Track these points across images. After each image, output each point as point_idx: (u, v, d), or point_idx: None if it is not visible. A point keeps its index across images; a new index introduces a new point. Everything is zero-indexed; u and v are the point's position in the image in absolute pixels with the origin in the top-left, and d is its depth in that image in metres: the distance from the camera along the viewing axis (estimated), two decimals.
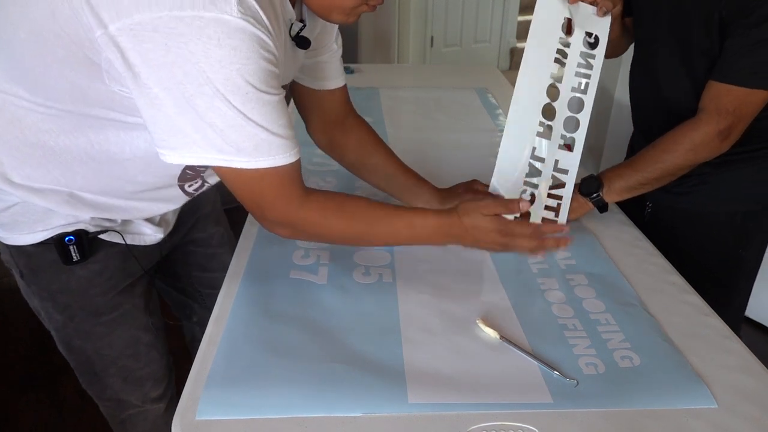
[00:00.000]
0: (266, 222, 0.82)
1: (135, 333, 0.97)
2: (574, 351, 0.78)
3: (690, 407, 0.70)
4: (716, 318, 0.86)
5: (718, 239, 1.17)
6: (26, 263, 0.87)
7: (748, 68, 0.95)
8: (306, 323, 0.82)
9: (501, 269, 0.96)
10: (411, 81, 2.10)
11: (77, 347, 0.95)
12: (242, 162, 0.70)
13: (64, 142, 0.76)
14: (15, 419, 1.70)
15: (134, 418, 1.05)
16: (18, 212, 0.82)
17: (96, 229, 0.86)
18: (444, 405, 0.69)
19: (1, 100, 0.73)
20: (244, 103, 0.66)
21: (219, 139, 0.68)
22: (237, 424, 0.66)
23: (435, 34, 4.20)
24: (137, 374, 1.00)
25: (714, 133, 0.99)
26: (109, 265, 0.90)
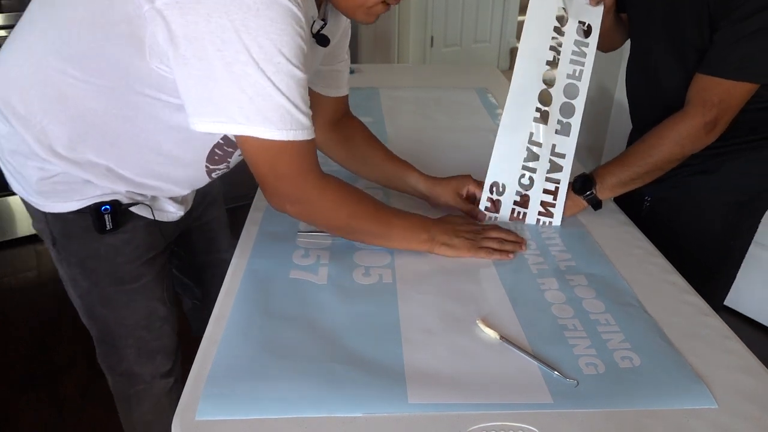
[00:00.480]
0: (279, 197, 0.86)
1: (152, 305, 1.03)
2: (574, 351, 0.78)
3: (690, 407, 0.70)
4: (716, 318, 0.86)
5: (711, 229, 1.20)
6: (61, 229, 0.93)
7: (733, 62, 0.99)
8: (306, 323, 0.82)
9: (501, 269, 0.96)
10: (411, 81, 2.10)
11: (99, 315, 1.02)
12: (267, 132, 0.75)
13: (106, 117, 0.82)
14: (15, 419, 1.70)
15: (141, 394, 1.10)
16: (59, 182, 0.88)
17: (128, 201, 0.92)
18: (444, 405, 0.69)
19: (52, 77, 0.80)
20: (275, 73, 0.72)
21: (248, 106, 0.73)
22: (237, 424, 0.66)
23: (435, 34, 4.20)
24: (150, 346, 1.06)
25: (700, 125, 1.02)
26: (135, 236, 0.96)
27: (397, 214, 0.98)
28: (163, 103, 0.80)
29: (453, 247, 0.98)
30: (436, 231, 0.98)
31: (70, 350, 1.97)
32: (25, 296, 2.26)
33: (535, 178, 1.08)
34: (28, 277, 2.37)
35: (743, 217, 1.21)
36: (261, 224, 1.07)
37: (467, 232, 1.00)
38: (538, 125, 1.05)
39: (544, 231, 1.08)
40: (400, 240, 0.98)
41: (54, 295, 2.26)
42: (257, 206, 1.14)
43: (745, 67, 0.99)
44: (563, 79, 1.04)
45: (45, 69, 0.80)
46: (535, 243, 1.04)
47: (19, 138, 0.85)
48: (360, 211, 0.93)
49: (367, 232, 0.96)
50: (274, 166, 0.81)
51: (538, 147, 1.05)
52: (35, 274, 2.38)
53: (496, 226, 1.05)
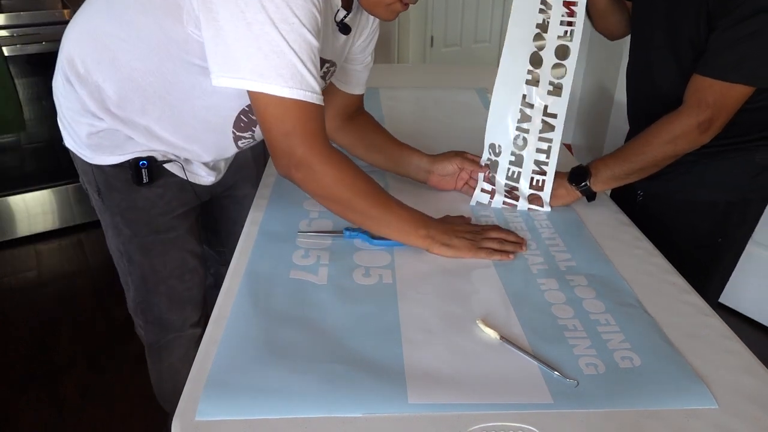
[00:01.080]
0: (285, 158, 0.89)
1: (184, 255, 1.14)
2: (575, 351, 0.78)
3: (690, 407, 0.70)
4: (716, 318, 0.86)
5: (701, 226, 1.23)
6: (104, 181, 1.06)
7: (729, 63, 0.99)
8: (306, 323, 0.82)
9: (501, 269, 0.96)
10: (411, 81, 2.10)
11: (137, 262, 1.13)
12: (278, 89, 0.82)
13: (150, 78, 0.93)
14: (15, 419, 1.70)
15: (171, 344, 1.22)
16: (104, 137, 1.00)
17: (163, 158, 1.04)
18: (444, 405, 0.69)
19: (106, 41, 0.93)
20: (289, 33, 0.79)
21: (263, 63, 0.80)
22: (237, 424, 0.66)
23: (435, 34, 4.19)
24: (181, 296, 1.17)
25: (694, 125, 1.04)
26: (168, 191, 1.08)
27: (399, 203, 0.98)
28: (198, 67, 0.90)
29: (452, 248, 0.97)
30: (436, 230, 0.98)
31: (70, 350, 1.97)
32: (25, 296, 2.26)
33: (528, 138, 1.11)
34: (28, 277, 2.37)
35: (733, 217, 1.21)
36: (261, 224, 1.07)
37: (467, 232, 1.00)
38: (530, 87, 1.09)
39: (544, 231, 1.08)
40: (396, 229, 0.97)
41: (54, 295, 2.26)
42: (257, 206, 1.14)
43: (741, 69, 0.99)
44: (554, 40, 1.06)
45: (101, 34, 0.93)
46: (535, 243, 1.04)
47: (75, 96, 0.98)
48: (362, 188, 0.94)
49: (365, 212, 0.95)
50: (282, 121, 0.86)
51: (530, 108, 1.09)
52: (35, 274, 2.39)
53: (496, 227, 1.05)
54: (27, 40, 2.21)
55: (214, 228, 1.37)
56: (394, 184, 1.23)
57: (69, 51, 0.97)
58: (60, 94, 1.03)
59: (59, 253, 2.51)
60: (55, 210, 2.58)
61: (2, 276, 2.37)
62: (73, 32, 0.98)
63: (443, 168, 1.18)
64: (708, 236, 1.23)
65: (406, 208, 0.98)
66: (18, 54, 2.22)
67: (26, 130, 2.25)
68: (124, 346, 1.96)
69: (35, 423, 1.69)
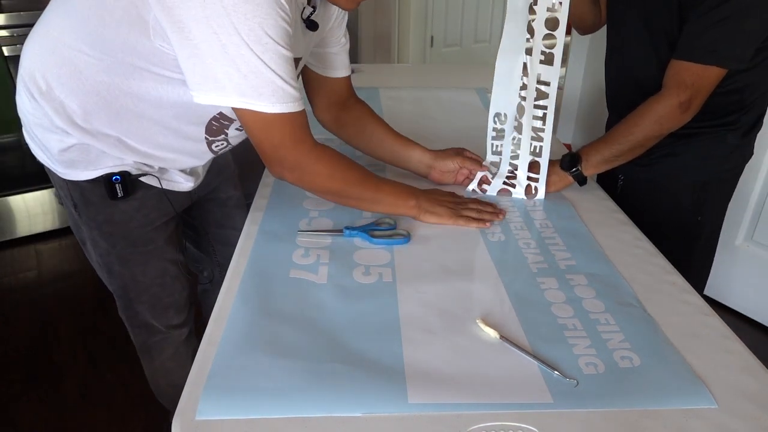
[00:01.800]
0: (277, 165, 0.95)
1: (164, 265, 1.14)
2: (574, 351, 0.78)
3: (690, 407, 0.70)
4: (716, 318, 0.86)
5: (680, 207, 1.32)
6: (79, 196, 1.04)
7: (702, 47, 1.08)
8: (306, 323, 0.82)
9: (501, 269, 0.96)
10: (411, 81, 2.10)
11: (117, 273, 1.12)
12: (260, 105, 0.84)
13: (115, 91, 0.91)
14: (15, 419, 1.70)
15: (160, 344, 1.23)
16: (75, 153, 0.98)
17: (137, 172, 1.02)
18: (444, 405, 0.69)
19: (68, 55, 0.90)
20: (264, 53, 0.80)
21: (243, 83, 0.82)
22: (237, 424, 0.66)
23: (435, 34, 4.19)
24: (163, 302, 1.18)
25: (676, 105, 1.12)
26: (146, 204, 1.06)
27: (386, 181, 1.08)
28: (165, 78, 0.89)
29: (436, 215, 1.08)
30: (423, 199, 1.08)
31: (70, 350, 1.97)
32: (25, 296, 2.26)
33: (525, 106, 1.15)
34: (28, 277, 2.37)
35: (708, 196, 1.31)
36: (261, 224, 1.07)
37: (450, 202, 1.11)
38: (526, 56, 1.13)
39: (544, 231, 1.08)
40: (389, 204, 1.06)
41: (54, 295, 2.26)
42: (257, 206, 1.14)
43: (713, 52, 1.07)
44: (543, 12, 1.10)
45: (62, 48, 0.90)
46: (535, 242, 1.04)
47: (41, 112, 0.95)
48: (352, 176, 1.02)
49: (358, 197, 1.04)
50: (269, 135, 0.90)
51: (526, 77, 1.14)
52: (35, 274, 2.39)
53: (476, 200, 1.16)
54: None
55: (201, 231, 1.36)
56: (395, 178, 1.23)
57: (29, 66, 0.95)
58: (26, 110, 0.99)
59: (59, 253, 2.51)
60: (55, 210, 2.58)
61: (2, 276, 2.37)
62: (32, 47, 0.95)
63: (445, 165, 1.23)
64: (687, 216, 1.32)
65: (394, 184, 1.08)
66: (18, 54, 2.21)
67: None
68: (124, 346, 1.95)
69: (35, 423, 1.69)
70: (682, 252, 1.23)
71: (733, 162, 1.30)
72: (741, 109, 1.22)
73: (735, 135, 1.25)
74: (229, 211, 1.33)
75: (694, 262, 1.37)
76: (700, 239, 1.37)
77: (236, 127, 1.02)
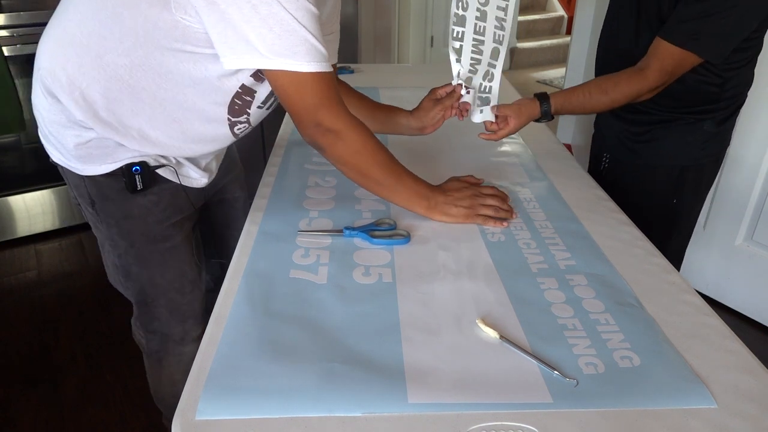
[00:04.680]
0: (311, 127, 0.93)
1: (182, 267, 1.13)
2: (574, 351, 0.78)
3: (689, 407, 0.70)
4: (716, 318, 0.87)
5: (659, 189, 1.41)
6: (97, 191, 1.03)
7: (687, 33, 1.14)
8: (306, 323, 0.82)
9: (501, 269, 0.96)
10: (411, 81, 2.10)
11: (135, 274, 1.11)
12: (296, 65, 0.84)
13: (137, 74, 0.90)
14: (15, 419, 1.71)
15: (171, 354, 1.20)
16: (93, 146, 0.98)
17: (156, 163, 1.02)
18: (444, 405, 0.69)
19: (87, 41, 0.89)
20: (297, 10, 0.80)
21: (278, 42, 0.81)
22: (237, 424, 0.66)
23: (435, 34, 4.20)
24: (182, 309, 1.15)
25: (652, 88, 1.21)
26: (163, 198, 1.06)
27: (409, 174, 1.05)
28: (187, 54, 0.89)
29: (450, 216, 1.08)
30: (437, 200, 1.07)
31: (70, 350, 1.97)
32: (25, 296, 2.26)
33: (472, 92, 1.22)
34: (28, 277, 2.37)
35: (687, 180, 1.39)
36: (261, 224, 1.07)
37: (466, 198, 1.09)
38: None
39: (544, 231, 1.08)
40: (404, 199, 1.06)
41: (54, 295, 2.26)
42: (257, 206, 1.14)
43: (696, 40, 1.14)
44: None
45: (80, 37, 0.90)
46: (535, 242, 1.04)
47: (59, 107, 0.95)
48: (380, 158, 1.01)
49: (380, 180, 1.03)
50: (306, 96, 0.89)
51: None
52: (35, 274, 2.39)
53: (493, 188, 1.15)
54: (27, 40, 2.21)
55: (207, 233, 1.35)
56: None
57: (47, 63, 0.94)
58: (42, 108, 0.99)
59: (59, 253, 2.51)
60: (55, 210, 2.58)
61: (2, 276, 2.37)
62: (48, 45, 0.95)
63: (431, 119, 1.26)
64: (665, 197, 1.41)
65: (415, 180, 1.06)
66: (18, 54, 2.22)
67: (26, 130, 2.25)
68: (124, 346, 1.96)
69: (35, 423, 1.69)
70: (661, 233, 1.28)
71: (710, 149, 1.37)
72: (718, 101, 1.30)
73: (711, 123, 1.32)
74: (236, 213, 1.32)
75: (671, 243, 1.46)
76: (676, 222, 1.46)
77: (257, 105, 1.01)
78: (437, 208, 1.07)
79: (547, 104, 1.25)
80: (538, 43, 5.44)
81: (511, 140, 1.52)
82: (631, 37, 1.31)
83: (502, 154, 1.45)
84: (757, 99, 1.84)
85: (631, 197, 1.32)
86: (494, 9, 1.17)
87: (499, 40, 1.20)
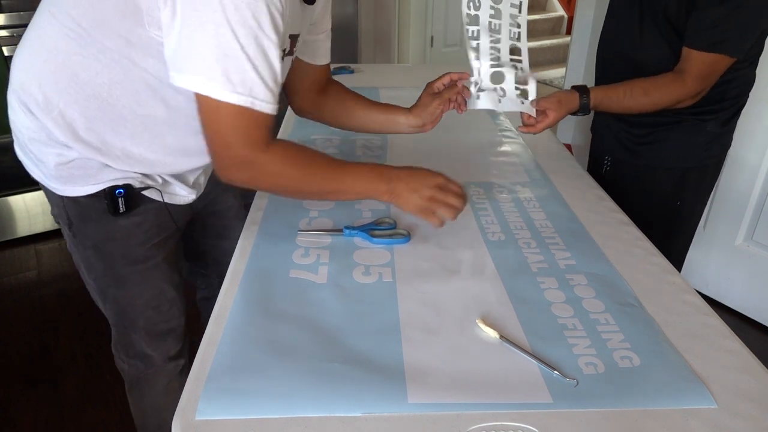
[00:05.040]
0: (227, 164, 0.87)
1: (161, 286, 1.07)
2: (574, 351, 0.78)
3: (689, 407, 0.70)
4: (716, 318, 0.86)
5: (661, 191, 1.40)
6: (77, 213, 0.98)
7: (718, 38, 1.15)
8: (306, 323, 0.82)
9: (501, 269, 0.96)
10: (411, 81, 2.09)
11: (112, 296, 1.06)
12: (226, 93, 0.78)
13: (115, 92, 0.87)
14: (15, 419, 1.70)
15: (153, 377, 1.15)
16: (75, 167, 0.93)
17: (140, 185, 0.97)
18: (444, 405, 0.69)
19: (63, 60, 0.85)
20: (246, 37, 0.75)
21: (215, 64, 0.76)
22: (237, 424, 0.66)
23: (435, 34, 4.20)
24: (160, 328, 1.10)
25: (692, 95, 1.21)
26: (147, 219, 1.00)
27: (352, 167, 0.96)
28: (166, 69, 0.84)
29: (406, 204, 0.96)
30: (398, 184, 0.95)
31: (70, 350, 1.97)
32: (25, 296, 2.26)
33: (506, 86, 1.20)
34: (28, 277, 2.37)
35: (690, 181, 1.39)
36: (261, 224, 1.07)
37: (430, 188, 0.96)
38: None
39: (544, 230, 1.08)
40: (356, 193, 0.97)
41: (54, 295, 2.26)
42: (257, 206, 1.14)
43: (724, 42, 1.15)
44: None
45: (56, 53, 0.86)
46: (535, 242, 1.04)
47: (38, 125, 0.90)
48: (310, 171, 0.92)
49: (319, 191, 0.97)
50: (227, 130, 0.82)
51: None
52: (35, 274, 2.38)
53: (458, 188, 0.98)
54: None
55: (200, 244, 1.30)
56: None
57: (21, 78, 0.90)
58: (20, 124, 0.93)
59: (59, 253, 2.51)
60: None
61: (2, 276, 2.37)
62: (23, 56, 0.90)
63: (430, 115, 1.19)
64: (667, 199, 1.40)
65: (361, 169, 0.96)
66: None
67: None
68: None
69: (35, 423, 1.69)
70: (662, 234, 1.27)
71: (712, 151, 1.37)
72: (722, 101, 1.29)
73: (714, 123, 1.32)
74: (228, 222, 1.27)
75: (672, 245, 1.43)
76: (678, 224, 1.45)
77: None
78: (397, 192, 0.96)
79: (587, 97, 1.22)
80: (538, 43, 5.44)
81: (511, 140, 1.52)
82: (633, 38, 1.30)
83: (502, 154, 1.45)
84: (758, 100, 1.84)
85: (633, 198, 1.31)
86: (508, 7, 1.16)
87: (516, 38, 1.19)
